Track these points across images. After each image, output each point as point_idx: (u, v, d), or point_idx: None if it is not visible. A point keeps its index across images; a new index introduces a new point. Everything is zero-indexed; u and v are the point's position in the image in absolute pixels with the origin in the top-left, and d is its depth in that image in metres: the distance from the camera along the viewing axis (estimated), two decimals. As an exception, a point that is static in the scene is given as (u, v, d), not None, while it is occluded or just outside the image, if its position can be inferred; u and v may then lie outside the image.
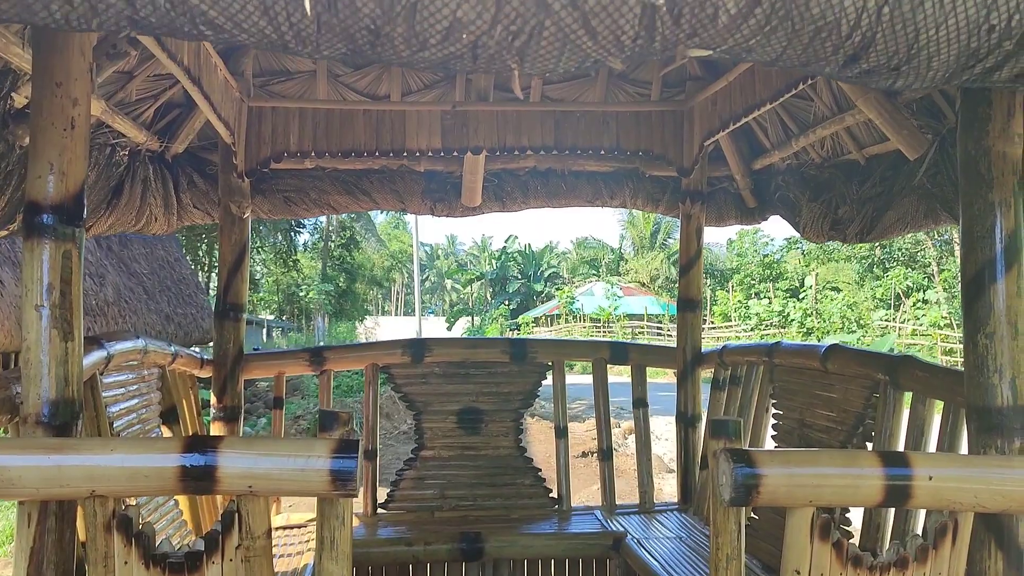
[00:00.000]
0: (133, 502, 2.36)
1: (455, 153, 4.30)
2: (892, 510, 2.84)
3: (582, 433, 13.19)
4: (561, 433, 4.60)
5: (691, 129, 4.38)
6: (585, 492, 8.62)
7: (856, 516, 3.01)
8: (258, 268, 32.64)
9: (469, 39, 1.30)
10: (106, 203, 3.59)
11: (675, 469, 4.75)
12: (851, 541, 2.22)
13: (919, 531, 2.35)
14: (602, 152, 4.43)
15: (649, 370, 4.82)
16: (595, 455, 11.25)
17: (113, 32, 1.89)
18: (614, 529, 4.10)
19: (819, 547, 2.08)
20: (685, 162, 4.44)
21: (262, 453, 1.93)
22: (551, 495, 4.45)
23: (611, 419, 4.79)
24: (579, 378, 10.98)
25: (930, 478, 2.02)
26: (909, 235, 27.84)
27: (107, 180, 3.54)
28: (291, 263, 29.17)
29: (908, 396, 2.94)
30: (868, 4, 1.28)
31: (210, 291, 18.34)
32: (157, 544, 1.98)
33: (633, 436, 4.93)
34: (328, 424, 2.07)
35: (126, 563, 1.91)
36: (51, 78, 2.02)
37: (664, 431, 12.01)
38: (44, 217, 1.99)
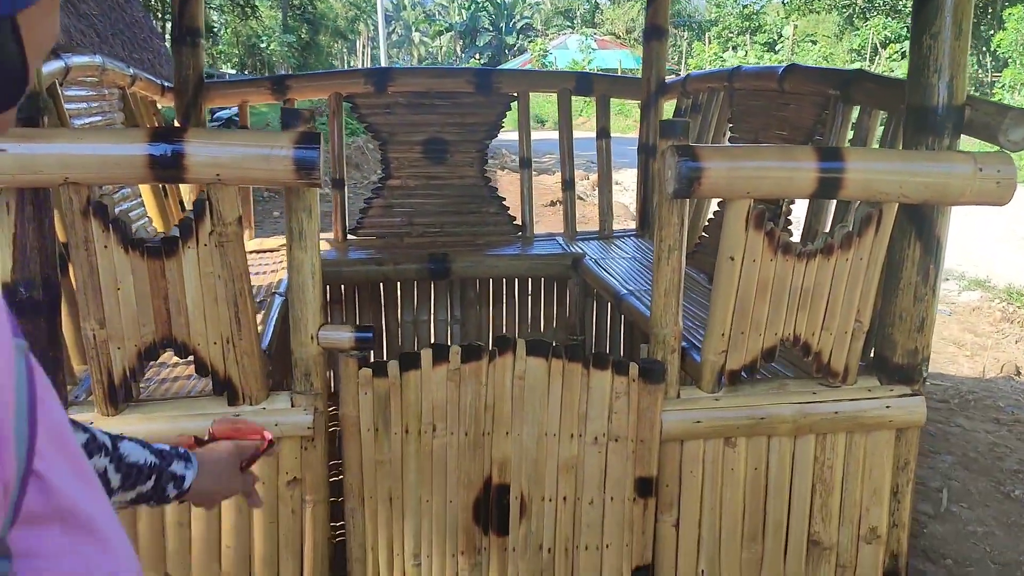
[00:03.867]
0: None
1: None
2: (831, 213, 3.01)
3: (551, 184, 13.35)
4: (525, 164, 4.69)
5: None
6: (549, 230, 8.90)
7: (797, 230, 3.20)
8: (214, 17, 30.99)
9: None
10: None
11: (635, 213, 4.91)
12: (786, 230, 2.39)
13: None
14: None
15: (613, 125, 4.81)
16: (561, 203, 11.48)
17: None
18: (574, 251, 4.33)
19: (753, 236, 2.25)
20: None
21: (227, 143, 2.00)
22: (515, 223, 4.63)
23: (576, 170, 4.87)
24: (546, 134, 11.00)
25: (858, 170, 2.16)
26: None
27: None
28: (248, 10, 27.70)
29: (856, 112, 3.04)
30: None
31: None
32: (134, 232, 2.10)
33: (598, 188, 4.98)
34: (290, 121, 2.13)
35: (106, 247, 2.03)
36: None
37: (627, 182, 12.20)
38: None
